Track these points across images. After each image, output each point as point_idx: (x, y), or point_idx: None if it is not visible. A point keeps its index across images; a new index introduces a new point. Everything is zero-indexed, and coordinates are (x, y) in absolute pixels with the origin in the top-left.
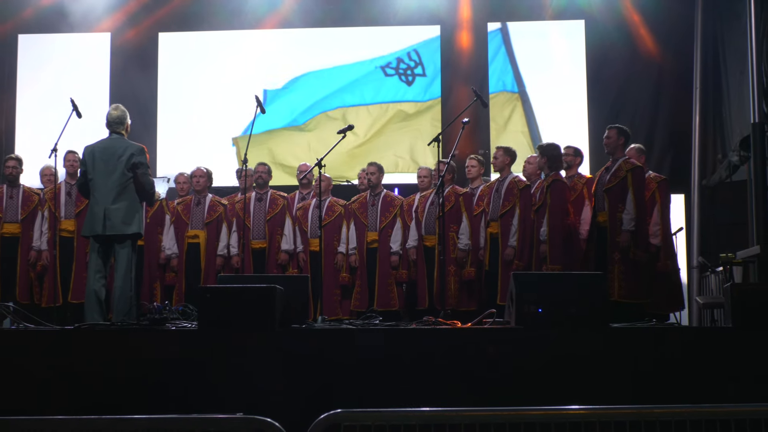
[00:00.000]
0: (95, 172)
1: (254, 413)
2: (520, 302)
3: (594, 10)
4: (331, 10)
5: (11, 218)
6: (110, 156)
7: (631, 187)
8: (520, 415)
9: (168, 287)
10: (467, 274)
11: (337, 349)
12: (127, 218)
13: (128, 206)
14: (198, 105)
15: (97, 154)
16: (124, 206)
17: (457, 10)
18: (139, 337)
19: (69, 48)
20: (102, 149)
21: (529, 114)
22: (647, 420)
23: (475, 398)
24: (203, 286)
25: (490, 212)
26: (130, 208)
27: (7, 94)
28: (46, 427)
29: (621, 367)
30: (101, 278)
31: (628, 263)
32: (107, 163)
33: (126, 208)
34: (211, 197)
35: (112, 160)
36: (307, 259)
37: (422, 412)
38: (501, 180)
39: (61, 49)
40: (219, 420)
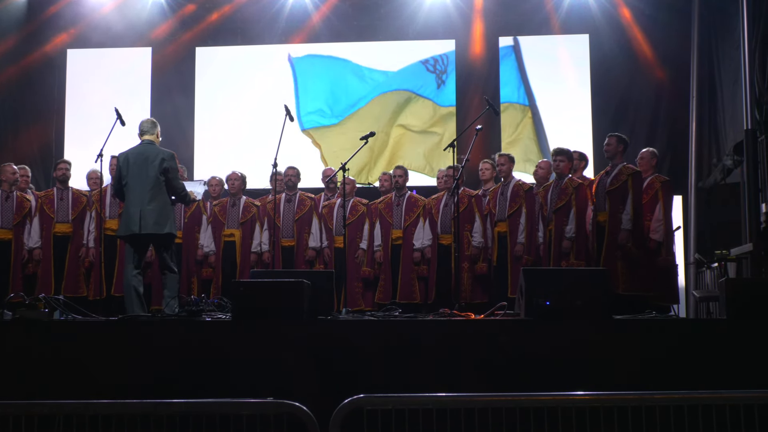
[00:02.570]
0: (130, 176)
1: (283, 398)
2: (530, 295)
3: (597, 25)
4: (354, 25)
5: (62, 218)
6: (143, 161)
7: (631, 190)
8: (529, 400)
9: (205, 282)
10: (480, 269)
11: (359, 338)
12: (161, 219)
13: (161, 208)
14: (232, 113)
15: (131, 159)
16: (157, 208)
17: (471, 25)
18: (178, 328)
19: (113, 61)
20: (136, 155)
21: (538, 124)
22: (648, 405)
23: (487, 384)
24: (237, 280)
25: (497, 213)
26: (162, 210)
27: (58, 104)
28: (94, 410)
29: (624, 355)
30: (138, 274)
31: (629, 259)
32: (141, 167)
33: (159, 210)
34: (245, 199)
35: (145, 164)
36: (332, 255)
37: (439, 397)
38: (505, 184)
39: (107, 62)
40: (251, 404)
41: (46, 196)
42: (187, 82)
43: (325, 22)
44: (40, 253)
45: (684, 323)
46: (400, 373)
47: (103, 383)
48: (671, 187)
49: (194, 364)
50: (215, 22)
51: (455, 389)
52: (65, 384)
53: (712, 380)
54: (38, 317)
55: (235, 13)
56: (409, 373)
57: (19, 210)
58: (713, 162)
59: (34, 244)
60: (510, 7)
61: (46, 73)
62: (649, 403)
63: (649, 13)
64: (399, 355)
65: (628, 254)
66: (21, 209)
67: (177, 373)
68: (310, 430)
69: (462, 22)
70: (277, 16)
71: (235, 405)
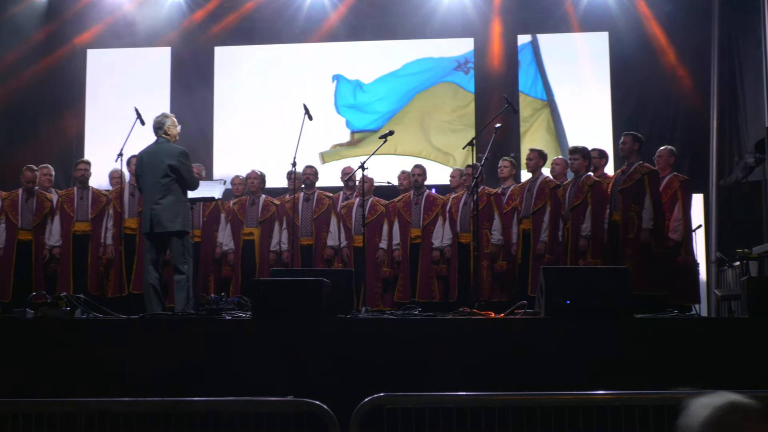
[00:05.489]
0: (143, 175)
1: (303, 396)
2: (550, 294)
3: (617, 23)
4: (372, 24)
5: (82, 217)
6: (155, 159)
7: (648, 189)
8: (549, 399)
9: (224, 280)
10: (499, 267)
11: (379, 337)
12: (171, 216)
13: (171, 205)
14: (250, 113)
15: (145, 158)
16: (167, 204)
17: (490, 23)
18: (198, 326)
19: (133, 61)
20: (149, 154)
21: (556, 119)
22: (669, 404)
23: (507, 383)
24: (256, 279)
25: (522, 210)
26: (173, 207)
27: (78, 104)
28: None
29: (645, 354)
30: (156, 271)
31: (641, 258)
32: (152, 165)
33: (169, 207)
34: (264, 197)
35: (156, 162)
36: (351, 254)
37: (458, 396)
38: (533, 180)
39: (126, 62)
40: (271, 402)
41: (66, 195)
42: (206, 82)
43: (344, 21)
44: (60, 252)
45: (705, 322)
46: (420, 371)
47: (123, 381)
48: (690, 186)
49: (214, 363)
50: (234, 22)
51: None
52: (87, 382)
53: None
54: (60, 316)
55: (253, 12)
56: (429, 371)
57: (40, 210)
58: (734, 160)
59: (55, 242)
60: (528, 5)
61: (67, 72)
62: (671, 403)
63: (668, 10)
64: (419, 353)
65: (655, 254)
66: (41, 209)
67: (197, 372)
68: (330, 429)
69: (480, 20)
70: (295, 15)
71: (256, 403)
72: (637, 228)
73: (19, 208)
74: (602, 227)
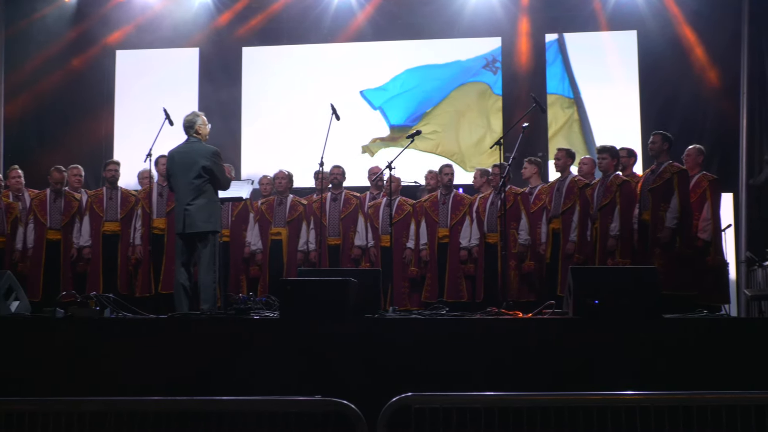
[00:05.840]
0: (175, 175)
1: (331, 396)
2: (578, 294)
3: (645, 22)
4: (399, 24)
5: (111, 218)
6: (187, 159)
7: (677, 188)
8: (578, 400)
9: (252, 280)
10: (527, 267)
11: (406, 336)
12: (204, 216)
13: (205, 205)
14: (278, 113)
15: (177, 157)
16: (200, 205)
17: (517, 22)
18: (226, 325)
19: (162, 62)
20: (180, 153)
21: (583, 118)
22: (699, 405)
23: (535, 383)
24: (284, 279)
25: (552, 209)
26: (206, 207)
27: (107, 104)
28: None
29: (674, 354)
30: (187, 272)
31: (669, 257)
32: (184, 165)
33: (202, 207)
34: (292, 197)
35: (188, 162)
36: (378, 253)
37: (486, 396)
38: (562, 179)
39: (155, 62)
40: (299, 402)
41: (95, 196)
42: (233, 82)
43: (370, 22)
44: (90, 252)
45: (735, 322)
46: (448, 371)
47: (152, 380)
48: (719, 186)
49: (242, 362)
50: (261, 23)
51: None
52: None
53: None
54: (90, 315)
55: (280, 13)
56: (457, 371)
57: (68, 210)
58: (765, 159)
59: (84, 242)
60: (556, 4)
61: (96, 73)
62: (700, 403)
63: (697, 9)
64: (446, 353)
65: (680, 254)
66: (69, 209)
67: (225, 371)
68: (357, 428)
69: (508, 19)
70: (322, 15)
71: (283, 403)
72: (663, 227)
73: (48, 208)
74: (631, 227)
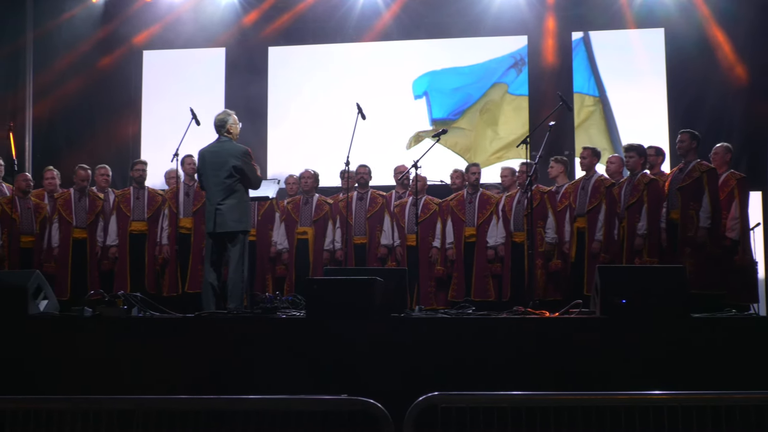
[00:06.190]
0: (205, 174)
1: (357, 395)
2: (605, 293)
3: (673, 19)
4: (425, 23)
5: (138, 217)
6: (217, 158)
7: (707, 187)
8: (605, 399)
9: (279, 279)
10: (554, 265)
11: (433, 335)
12: (235, 216)
13: (236, 205)
14: (304, 112)
15: (207, 157)
16: (231, 205)
17: (543, 21)
18: (253, 324)
19: (189, 62)
20: (211, 153)
21: (609, 116)
22: (727, 405)
23: (562, 383)
24: (310, 278)
25: (576, 208)
26: (237, 207)
27: (134, 105)
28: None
29: (702, 354)
30: (216, 271)
31: (700, 256)
32: (215, 165)
33: (233, 207)
34: (318, 197)
35: (219, 162)
36: (404, 253)
37: (513, 395)
38: (587, 178)
39: (182, 63)
40: (325, 401)
41: (122, 195)
42: (260, 82)
43: (396, 21)
44: (116, 251)
45: (764, 321)
46: (474, 370)
47: (179, 379)
48: (747, 184)
49: (269, 361)
50: (287, 22)
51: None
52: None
53: None
54: (117, 314)
55: (306, 12)
56: (483, 370)
57: (92, 209)
58: None
59: (111, 242)
60: (582, 2)
61: (123, 74)
62: (729, 403)
63: (726, 6)
64: (473, 352)
65: (710, 253)
66: (94, 208)
67: (251, 370)
68: (384, 427)
69: (534, 18)
70: (348, 14)
71: (310, 402)
72: (696, 227)
73: (73, 207)
74: (658, 226)
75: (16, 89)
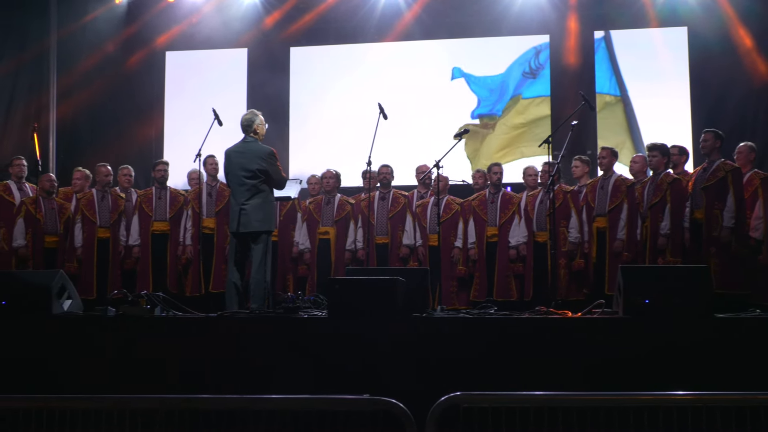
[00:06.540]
0: (231, 174)
1: (379, 395)
2: (628, 293)
3: (696, 17)
4: (446, 23)
5: (160, 217)
6: (243, 158)
7: (732, 186)
8: (629, 400)
9: (300, 279)
10: (577, 265)
11: (455, 335)
12: (259, 216)
13: (260, 205)
14: (326, 112)
15: (233, 157)
16: (256, 205)
17: (566, 20)
18: (275, 324)
19: (210, 63)
20: (237, 152)
21: (630, 115)
22: (752, 406)
23: (585, 383)
24: (332, 278)
25: (596, 208)
26: (262, 207)
27: (157, 105)
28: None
29: (726, 355)
30: (239, 271)
31: (725, 256)
32: (241, 165)
33: (258, 207)
34: (339, 197)
35: (243, 162)
36: (426, 253)
37: (536, 395)
38: (605, 178)
39: (204, 63)
40: (347, 400)
41: (144, 195)
42: (281, 82)
43: (417, 20)
44: (139, 251)
45: None
46: (496, 370)
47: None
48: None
49: (290, 361)
50: (309, 23)
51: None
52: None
53: None
54: (140, 314)
55: (328, 12)
56: (506, 370)
57: (115, 208)
58: None
59: (134, 241)
60: (605, 0)
61: (146, 75)
62: (753, 404)
63: (749, 4)
64: (495, 352)
65: (734, 253)
66: (116, 207)
67: (274, 369)
68: (406, 428)
69: (556, 17)
70: (369, 14)
71: (332, 401)
72: (720, 226)
73: (96, 206)
74: (682, 225)
75: (40, 91)
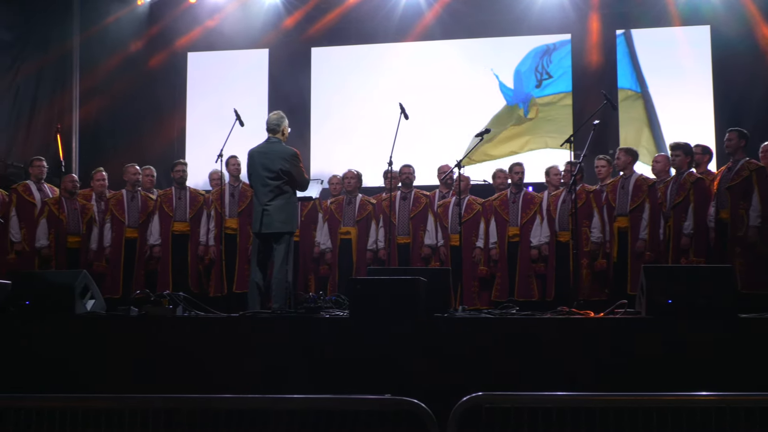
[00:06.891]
0: (254, 175)
1: (401, 395)
2: (651, 293)
3: (719, 16)
4: (468, 22)
5: (180, 217)
6: (267, 159)
7: (756, 185)
8: (652, 401)
9: (322, 279)
10: (599, 265)
11: (477, 335)
12: (282, 217)
13: (283, 206)
14: (347, 112)
15: (257, 157)
16: (279, 205)
17: (587, 19)
18: (297, 324)
19: (232, 63)
20: (260, 153)
21: (651, 113)
22: None
23: (608, 384)
24: (354, 278)
25: (617, 208)
26: (284, 208)
27: (179, 106)
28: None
29: (750, 355)
30: (262, 271)
31: (751, 256)
32: (264, 166)
33: (281, 208)
34: (361, 197)
35: (266, 163)
36: (447, 253)
37: (558, 396)
38: (626, 178)
39: (225, 64)
40: (369, 400)
41: (164, 195)
42: (302, 82)
43: (438, 20)
44: (159, 251)
45: None
46: (518, 371)
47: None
48: None
49: (312, 360)
50: (329, 23)
51: (575, 388)
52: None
53: None
54: (163, 313)
55: (349, 13)
56: (528, 371)
57: (144, 209)
58: None
59: (154, 241)
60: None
61: (168, 75)
62: None
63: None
64: (517, 353)
65: (760, 253)
66: (146, 208)
67: (295, 369)
68: (428, 427)
69: (577, 16)
70: (390, 14)
71: (354, 401)
72: (746, 226)
73: (125, 206)
74: (705, 225)
75: (63, 92)
